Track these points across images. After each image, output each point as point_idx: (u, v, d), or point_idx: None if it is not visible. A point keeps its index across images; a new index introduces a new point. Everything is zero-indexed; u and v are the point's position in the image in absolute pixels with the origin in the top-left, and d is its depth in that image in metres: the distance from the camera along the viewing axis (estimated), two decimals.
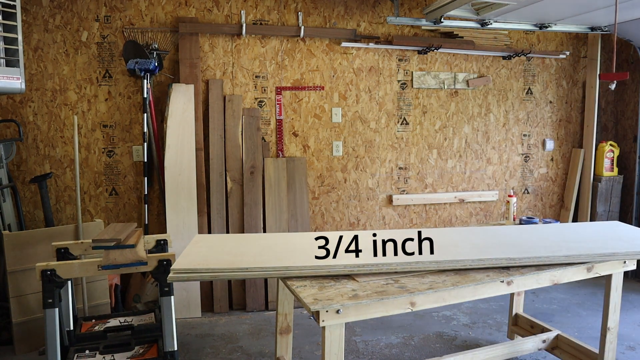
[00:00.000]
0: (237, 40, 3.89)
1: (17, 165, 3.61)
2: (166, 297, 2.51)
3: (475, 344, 3.21)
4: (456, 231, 2.68)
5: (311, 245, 2.31)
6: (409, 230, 2.57)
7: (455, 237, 2.51)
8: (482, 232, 2.65)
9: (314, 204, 4.15)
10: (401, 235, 2.37)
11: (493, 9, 3.69)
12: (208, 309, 3.74)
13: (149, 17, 3.73)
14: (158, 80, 3.80)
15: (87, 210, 3.76)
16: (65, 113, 3.66)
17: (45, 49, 3.59)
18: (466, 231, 2.68)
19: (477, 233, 2.62)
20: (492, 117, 4.56)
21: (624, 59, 4.78)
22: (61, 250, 2.71)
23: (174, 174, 3.60)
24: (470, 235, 2.56)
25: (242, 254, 2.18)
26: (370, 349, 3.16)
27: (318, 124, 4.11)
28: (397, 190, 4.36)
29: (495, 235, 2.59)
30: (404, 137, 4.34)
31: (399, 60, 4.25)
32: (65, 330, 2.75)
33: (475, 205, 4.57)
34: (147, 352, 2.69)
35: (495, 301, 3.90)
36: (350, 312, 1.83)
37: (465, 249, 2.29)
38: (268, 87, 3.98)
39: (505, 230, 2.71)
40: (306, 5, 3.99)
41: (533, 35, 4.56)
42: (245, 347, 3.18)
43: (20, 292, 3.06)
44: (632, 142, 4.74)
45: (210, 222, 3.78)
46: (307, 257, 2.14)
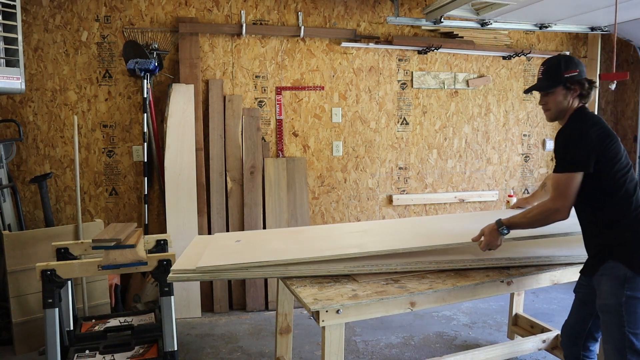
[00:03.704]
0: (237, 40, 3.89)
1: (17, 165, 3.61)
2: (166, 297, 2.51)
3: (475, 344, 3.21)
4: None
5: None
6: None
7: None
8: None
9: (314, 204, 4.15)
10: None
11: (493, 9, 3.69)
12: (208, 309, 3.74)
13: (149, 17, 3.73)
14: (158, 80, 3.80)
15: (87, 210, 3.76)
16: (65, 113, 3.66)
17: (45, 49, 3.59)
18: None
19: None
20: (492, 117, 4.56)
21: (624, 59, 4.78)
22: (61, 250, 2.71)
23: (174, 174, 3.60)
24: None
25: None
26: (370, 349, 3.16)
27: (318, 124, 4.11)
28: (397, 190, 4.36)
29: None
30: (404, 137, 4.34)
31: (399, 60, 4.25)
32: (65, 330, 2.75)
33: (475, 205, 4.56)
34: (147, 352, 2.69)
35: (495, 301, 3.89)
36: (350, 312, 1.83)
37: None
38: (268, 87, 3.98)
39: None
40: (306, 5, 3.99)
41: (533, 35, 4.56)
42: (245, 347, 3.18)
43: (20, 292, 3.06)
44: (632, 142, 4.74)
45: (210, 222, 3.78)
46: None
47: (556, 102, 2.01)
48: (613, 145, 1.91)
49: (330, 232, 2.58)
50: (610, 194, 1.91)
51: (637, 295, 1.84)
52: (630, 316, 1.84)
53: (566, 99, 2.00)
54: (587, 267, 2.04)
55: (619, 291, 1.85)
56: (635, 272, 1.84)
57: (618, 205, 1.91)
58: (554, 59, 2.05)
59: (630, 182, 1.92)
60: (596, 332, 2.12)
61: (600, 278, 1.93)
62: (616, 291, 1.86)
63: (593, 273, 1.97)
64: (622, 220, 1.91)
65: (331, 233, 2.55)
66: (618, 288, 1.86)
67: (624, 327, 1.84)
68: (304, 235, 2.55)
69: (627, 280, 1.84)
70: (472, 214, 3.04)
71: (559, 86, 1.99)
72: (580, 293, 2.14)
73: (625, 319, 1.84)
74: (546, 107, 2.06)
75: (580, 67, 2.00)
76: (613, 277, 1.88)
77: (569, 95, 1.99)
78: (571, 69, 1.98)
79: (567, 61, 2.00)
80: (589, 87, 1.99)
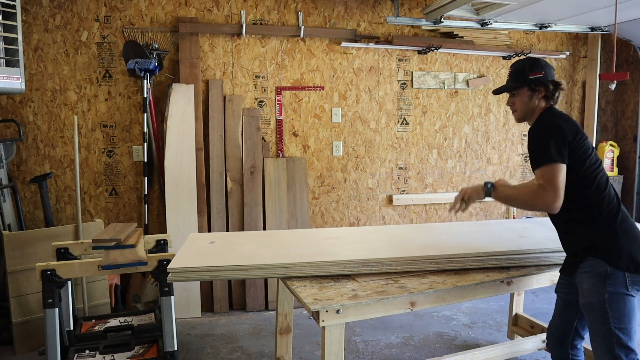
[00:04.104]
0: (237, 40, 3.89)
1: (17, 165, 3.61)
2: (166, 297, 2.51)
3: (475, 344, 3.21)
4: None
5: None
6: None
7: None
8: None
9: (314, 203, 4.15)
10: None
11: (493, 9, 3.69)
12: (208, 309, 3.74)
13: (149, 17, 3.73)
14: (158, 80, 3.80)
15: (87, 210, 3.76)
16: (65, 113, 3.66)
17: (45, 49, 3.59)
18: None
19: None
20: (492, 117, 4.56)
21: (624, 59, 4.79)
22: (61, 250, 2.70)
23: (174, 174, 3.60)
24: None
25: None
26: (370, 349, 3.16)
27: (318, 124, 4.11)
28: (397, 190, 4.36)
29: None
30: (404, 137, 4.34)
31: (399, 60, 4.25)
32: (65, 330, 2.75)
33: (476, 205, 4.56)
34: (147, 352, 2.69)
35: (495, 301, 3.89)
36: (350, 312, 1.83)
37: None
38: (268, 87, 3.98)
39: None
40: (306, 5, 3.99)
41: (533, 35, 4.57)
42: (245, 347, 3.18)
43: (20, 292, 3.06)
44: (632, 142, 4.74)
45: (210, 222, 3.78)
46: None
47: (522, 102, 2.06)
48: (584, 141, 1.93)
49: (306, 238, 2.51)
50: (583, 191, 1.91)
51: (619, 290, 1.84)
52: (614, 312, 1.85)
53: (532, 100, 2.04)
54: (566, 266, 2.05)
55: (601, 288, 1.86)
56: (615, 268, 1.84)
57: (591, 201, 1.92)
58: (520, 62, 2.09)
59: (601, 177, 1.94)
60: (582, 330, 2.13)
61: (582, 276, 1.94)
62: (598, 288, 1.87)
63: (573, 271, 1.98)
64: (597, 216, 1.91)
65: (306, 238, 2.48)
66: (600, 285, 1.86)
67: (610, 324, 1.85)
68: (277, 239, 2.49)
69: (608, 276, 1.85)
70: (449, 224, 3.06)
71: (524, 87, 2.03)
72: (562, 293, 2.14)
73: (610, 315, 1.85)
74: (513, 107, 2.11)
75: (546, 69, 2.03)
76: (594, 274, 1.89)
77: (534, 97, 2.03)
78: (536, 71, 2.01)
79: (532, 63, 2.04)
80: (553, 89, 2.02)
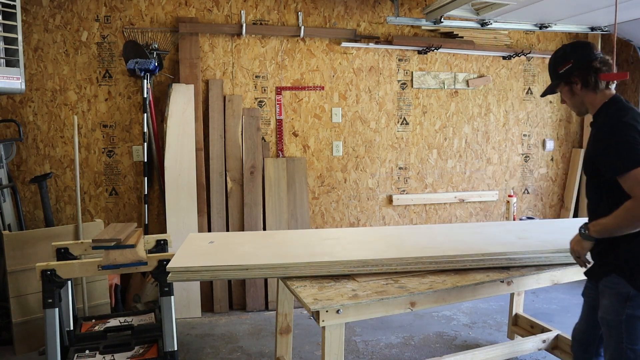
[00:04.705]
0: (237, 40, 3.89)
1: (17, 165, 3.61)
2: (166, 297, 2.51)
3: (475, 344, 3.21)
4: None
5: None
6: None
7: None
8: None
9: (314, 203, 4.15)
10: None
11: (493, 9, 3.69)
12: (208, 309, 3.74)
13: (149, 17, 3.73)
14: (158, 80, 3.80)
15: (87, 210, 3.76)
16: (65, 113, 3.66)
17: (45, 49, 3.59)
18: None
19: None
20: (492, 117, 4.56)
21: (624, 59, 4.78)
22: (61, 250, 2.70)
23: (174, 174, 3.60)
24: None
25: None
26: (370, 349, 3.16)
27: (318, 124, 4.11)
28: (397, 190, 4.36)
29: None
30: (404, 137, 4.34)
31: (399, 60, 4.25)
32: (65, 330, 2.75)
33: (475, 205, 4.57)
34: (147, 352, 2.69)
35: (495, 301, 3.89)
36: (350, 312, 1.83)
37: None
38: (268, 87, 3.98)
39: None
40: (306, 5, 3.99)
41: (533, 35, 4.56)
42: (245, 347, 3.18)
43: (20, 292, 3.06)
44: None
45: (210, 222, 3.78)
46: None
47: (568, 98, 1.96)
48: None
49: (306, 238, 2.50)
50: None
51: (637, 314, 1.79)
52: (629, 333, 1.80)
53: (574, 94, 1.91)
54: (591, 271, 1.98)
55: (620, 309, 1.81)
56: (638, 292, 1.78)
57: None
58: (551, 57, 2.00)
59: None
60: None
61: (604, 289, 1.88)
62: (617, 308, 1.82)
63: (597, 280, 1.92)
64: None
65: (306, 239, 2.48)
66: (620, 305, 1.81)
67: (622, 343, 1.81)
68: (277, 239, 2.48)
69: (630, 298, 1.79)
70: (449, 225, 3.04)
71: (560, 84, 1.95)
72: (589, 297, 2.06)
73: (624, 335, 1.81)
74: (567, 105, 2.01)
75: (575, 54, 1.88)
76: (615, 293, 1.83)
77: (575, 89, 1.90)
78: (564, 62, 1.90)
79: (558, 56, 1.95)
80: (589, 76, 1.85)
